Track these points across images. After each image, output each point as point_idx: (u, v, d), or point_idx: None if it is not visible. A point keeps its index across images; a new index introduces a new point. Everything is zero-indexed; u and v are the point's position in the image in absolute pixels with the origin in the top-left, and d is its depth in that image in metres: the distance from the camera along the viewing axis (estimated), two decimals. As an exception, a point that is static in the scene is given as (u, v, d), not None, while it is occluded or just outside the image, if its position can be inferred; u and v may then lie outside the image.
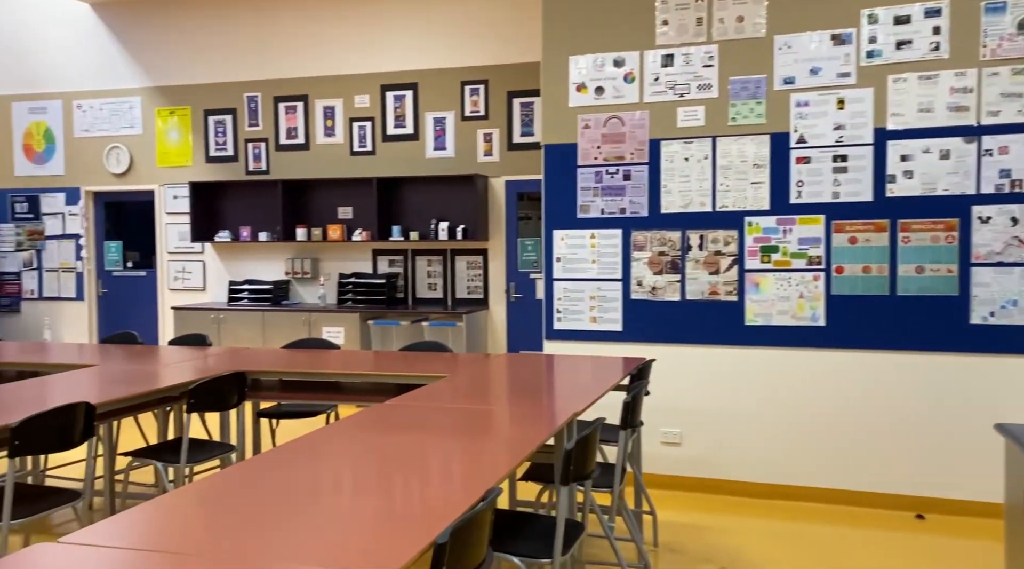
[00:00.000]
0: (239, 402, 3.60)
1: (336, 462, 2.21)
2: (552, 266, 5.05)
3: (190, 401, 3.30)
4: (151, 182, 7.99)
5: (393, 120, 7.45)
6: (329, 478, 2.05)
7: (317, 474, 2.08)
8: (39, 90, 8.20)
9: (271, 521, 1.72)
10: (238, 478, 2.04)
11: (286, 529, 1.67)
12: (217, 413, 3.61)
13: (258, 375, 3.85)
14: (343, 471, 2.12)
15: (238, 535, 1.64)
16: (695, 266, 4.80)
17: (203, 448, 3.62)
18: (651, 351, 4.87)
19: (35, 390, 3.25)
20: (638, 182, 4.88)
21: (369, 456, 2.27)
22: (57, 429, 2.72)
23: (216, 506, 1.82)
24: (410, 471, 2.12)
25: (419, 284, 7.48)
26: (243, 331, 7.23)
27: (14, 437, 2.55)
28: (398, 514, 1.77)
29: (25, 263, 8.26)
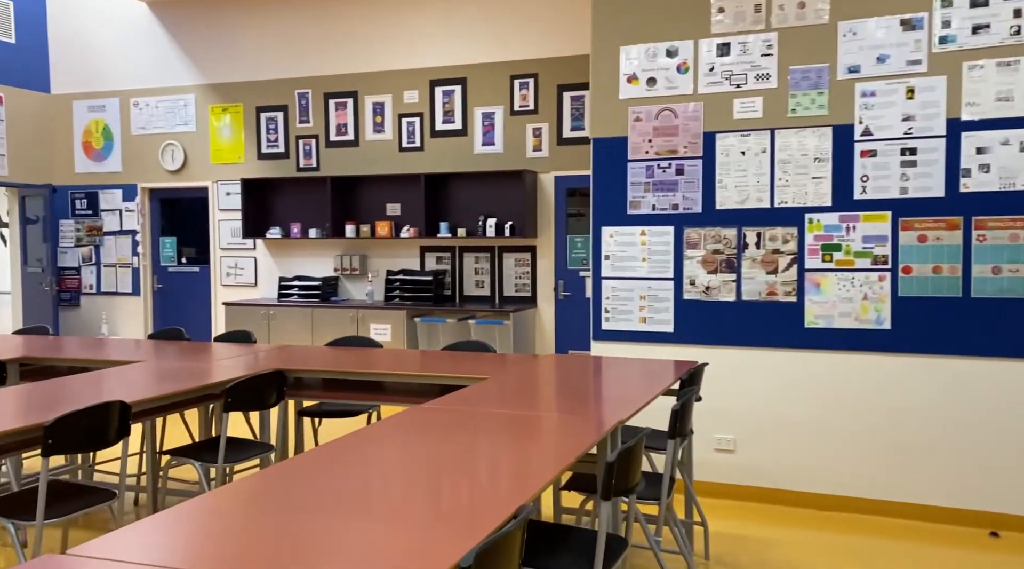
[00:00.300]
0: (278, 401, 3.54)
1: (365, 470, 2.10)
2: (600, 264, 4.89)
3: (227, 400, 3.25)
4: (204, 179, 8.07)
5: (441, 115, 7.37)
6: (355, 488, 1.95)
7: (343, 483, 1.98)
8: (98, 88, 8.36)
9: (287, 528, 1.62)
10: (270, 480, 1.95)
11: (297, 539, 1.57)
12: (258, 412, 3.56)
13: (299, 374, 3.79)
14: (371, 480, 2.01)
15: (253, 543, 1.54)
16: (751, 265, 4.58)
17: (242, 447, 3.57)
18: (704, 354, 4.67)
19: (74, 387, 3.24)
20: (691, 177, 4.68)
21: (399, 465, 2.16)
22: (91, 428, 2.68)
23: (242, 511, 1.73)
24: (440, 482, 2.00)
25: (466, 281, 7.39)
26: (292, 327, 7.24)
27: (47, 436, 2.52)
28: (422, 531, 1.65)
29: (84, 258, 8.44)
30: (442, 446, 2.35)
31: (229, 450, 3.47)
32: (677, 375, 3.64)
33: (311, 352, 4.25)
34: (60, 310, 8.52)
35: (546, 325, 7.12)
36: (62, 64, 8.45)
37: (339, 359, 4.01)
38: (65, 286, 8.51)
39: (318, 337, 7.16)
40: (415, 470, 2.10)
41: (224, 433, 3.27)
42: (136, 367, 3.76)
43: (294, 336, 7.23)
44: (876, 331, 4.35)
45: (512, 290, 7.25)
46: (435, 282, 7.16)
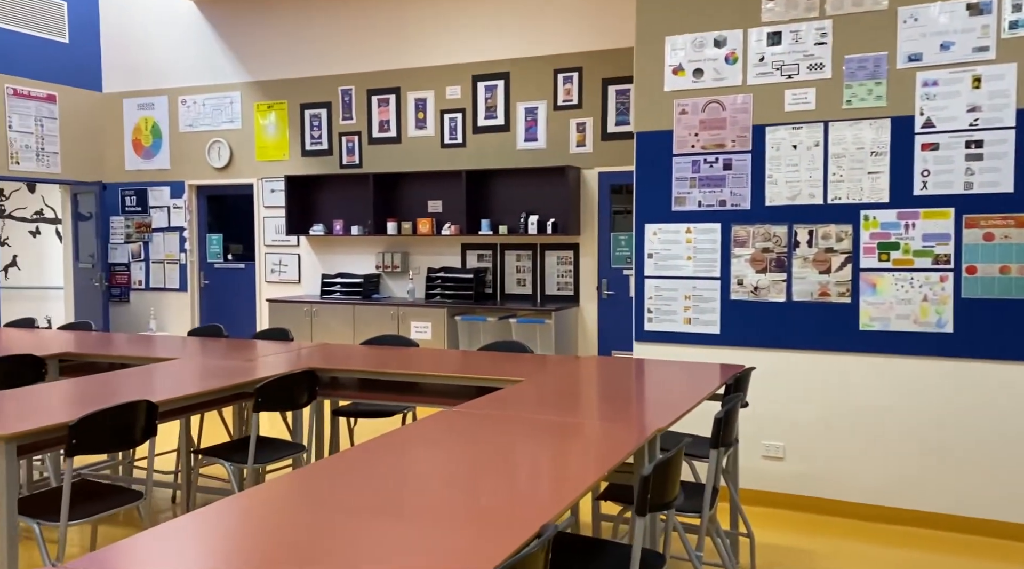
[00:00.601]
0: (309, 401, 3.48)
1: (389, 476, 2.00)
2: (643, 263, 4.73)
3: (257, 400, 3.19)
4: (250, 176, 8.12)
5: (484, 111, 7.26)
6: (378, 494, 1.85)
7: (369, 487, 1.88)
8: (147, 86, 8.47)
9: (312, 530, 1.53)
10: (299, 482, 1.87)
11: (319, 542, 1.47)
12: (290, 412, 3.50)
13: (332, 373, 3.72)
14: (397, 486, 1.91)
15: (274, 548, 1.45)
16: (803, 264, 4.38)
17: (274, 447, 3.52)
18: (752, 357, 4.48)
19: (105, 385, 3.22)
20: (740, 172, 4.49)
21: (426, 471, 2.05)
22: (117, 427, 2.64)
23: (268, 514, 1.65)
24: (464, 493, 1.89)
25: (508, 279, 7.28)
26: (334, 324, 7.22)
27: (71, 435, 2.49)
28: (447, 540, 1.54)
29: (133, 255, 8.57)
30: (470, 453, 2.23)
31: (261, 450, 3.42)
32: (723, 380, 3.47)
33: (345, 351, 4.19)
34: (110, 306, 8.67)
35: (589, 325, 6.98)
36: (113, 63, 8.59)
37: (373, 359, 3.93)
38: (115, 282, 8.65)
39: (359, 335, 7.13)
40: (442, 477, 1.99)
41: (254, 433, 3.22)
42: (171, 364, 3.73)
43: (335, 333, 7.22)
44: (937, 334, 4.11)
45: (554, 289, 7.11)
46: (476, 280, 7.07)
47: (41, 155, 7.92)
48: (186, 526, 1.65)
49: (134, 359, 3.99)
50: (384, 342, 4.52)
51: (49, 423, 2.49)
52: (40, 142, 7.91)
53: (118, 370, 3.65)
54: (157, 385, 3.18)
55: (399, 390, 3.74)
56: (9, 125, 7.64)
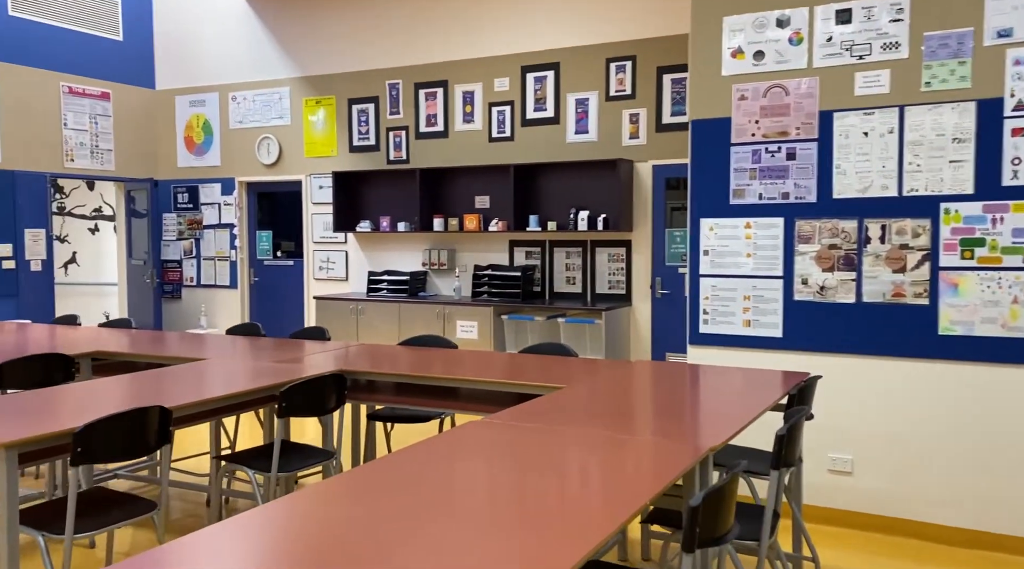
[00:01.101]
0: (337, 406, 3.29)
1: (387, 501, 1.78)
2: (699, 260, 4.42)
3: (281, 405, 3.02)
4: (298, 172, 8.04)
5: (533, 103, 7.02)
6: (409, 507, 1.62)
7: (381, 504, 1.66)
8: (199, 83, 8.47)
9: (336, 544, 1.32)
10: (321, 493, 1.66)
11: (340, 558, 1.26)
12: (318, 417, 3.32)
13: (365, 376, 3.53)
14: (408, 509, 1.68)
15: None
16: (875, 262, 4.01)
17: (302, 454, 3.34)
18: (817, 362, 4.13)
19: (125, 387, 3.08)
20: (805, 162, 4.14)
21: (439, 497, 1.82)
22: (128, 434, 2.49)
23: (292, 526, 1.45)
24: (483, 522, 1.65)
25: (556, 278, 7.02)
26: (379, 323, 7.08)
27: (76, 443, 2.34)
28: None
29: (185, 251, 8.59)
30: (497, 472, 2.00)
31: (287, 457, 3.25)
32: (785, 389, 3.16)
33: (381, 352, 4.00)
34: (163, 302, 8.71)
35: (642, 325, 6.67)
36: (166, 60, 8.62)
37: (409, 361, 3.73)
38: (167, 278, 8.69)
39: (404, 333, 6.96)
40: (460, 500, 1.76)
41: (278, 440, 3.04)
42: (200, 365, 3.60)
43: (380, 332, 7.07)
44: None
45: (605, 287, 6.83)
46: (524, 278, 6.83)
47: (95, 152, 7.99)
48: (209, 537, 1.49)
49: (166, 359, 3.87)
50: (423, 343, 4.32)
51: (53, 430, 2.35)
52: (94, 139, 7.98)
53: (146, 370, 3.53)
54: (180, 388, 3.03)
55: (436, 395, 3.53)
56: (64, 123, 7.72)
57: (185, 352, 3.97)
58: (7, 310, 7.17)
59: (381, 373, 3.47)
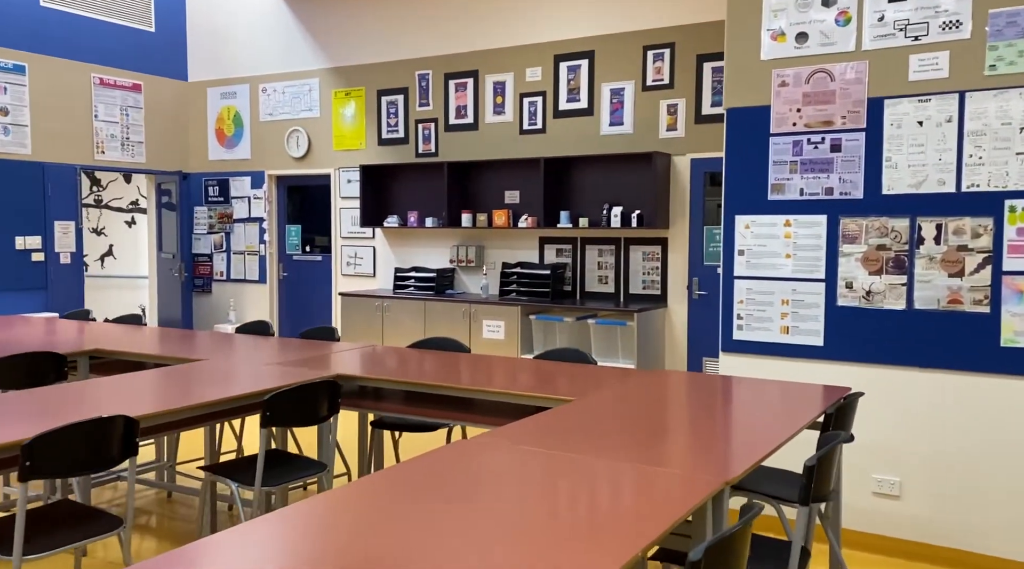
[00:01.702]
0: (329, 415, 3.06)
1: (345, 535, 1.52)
2: (733, 260, 4.08)
3: (265, 414, 2.79)
4: (328, 166, 7.88)
5: (566, 93, 6.71)
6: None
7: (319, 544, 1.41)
8: (230, 75, 8.37)
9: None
10: (300, 515, 1.43)
11: None
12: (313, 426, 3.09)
13: (363, 382, 3.29)
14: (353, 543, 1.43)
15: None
16: (929, 265, 3.63)
17: (292, 466, 3.12)
18: (862, 375, 3.77)
19: (104, 390, 2.89)
20: (851, 154, 3.77)
21: (404, 540, 1.56)
22: (87, 445, 2.29)
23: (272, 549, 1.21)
24: (444, 558, 1.39)
25: (588, 277, 6.71)
26: (405, 320, 6.87)
27: (25, 456, 2.14)
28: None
29: (215, 245, 8.50)
30: (473, 501, 1.73)
31: (277, 469, 3.03)
32: (824, 406, 2.82)
33: (385, 357, 3.76)
34: (193, 296, 8.65)
35: (677, 328, 6.32)
36: (198, 51, 8.54)
37: (411, 367, 3.48)
38: (198, 272, 8.62)
39: (430, 332, 6.74)
40: (420, 542, 1.50)
41: (261, 451, 2.82)
42: (194, 367, 3.41)
43: (406, 330, 6.86)
44: (1104, 356, 3.29)
45: (639, 287, 6.49)
46: (553, 277, 6.54)
47: (126, 145, 7.94)
48: (181, 558, 1.24)
49: (163, 358, 3.70)
50: (435, 346, 4.07)
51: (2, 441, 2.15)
52: (125, 131, 7.93)
53: (138, 371, 3.36)
54: (163, 393, 2.83)
55: (438, 403, 3.28)
56: (95, 114, 7.68)
57: (185, 352, 3.79)
58: (36, 303, 7.15)
59: (380, 379, 3.23)
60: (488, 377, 3.23)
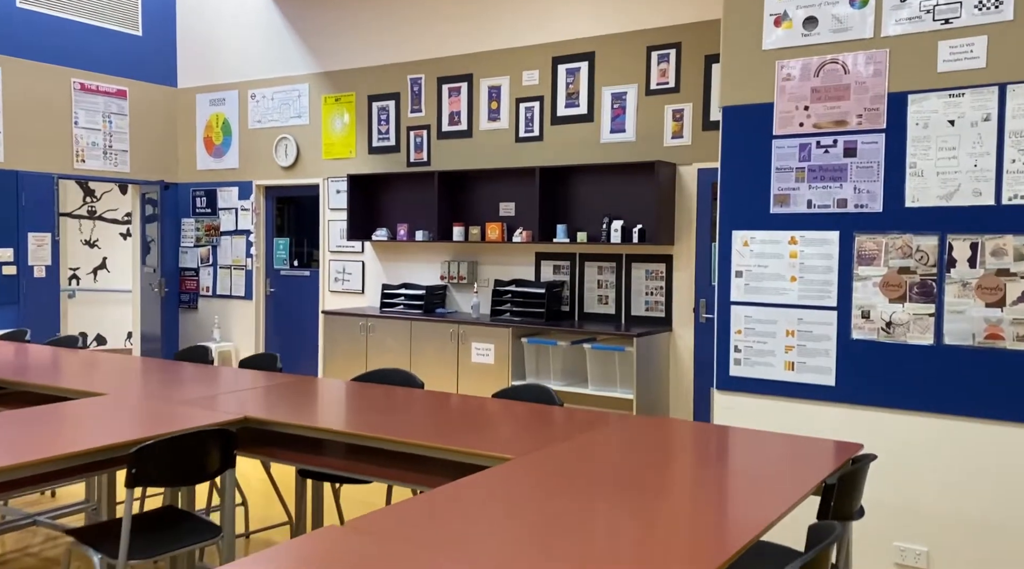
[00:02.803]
0: (223, 469, 2.54)
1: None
2: (729, 283, 3.50)
3: (130, 471, 2.29)
4: (316, 175, 7.43)
5: (564, 98, 6.19)
6: None
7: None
8: (219, 80, 7.99)
9: None
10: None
11: None
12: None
13: (275, 427, 2.78)
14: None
15: None
16: (961, 292, 3.02)
17: (179, 529, 2.61)
18: (881, 422, 3.16)
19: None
20: (869, 159, 3.19)
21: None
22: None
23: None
24: None
25: (587, 296, 6.15)
26: (390, 342, 6.36)
27: None
28: None
29: (202, 259, 8.10)
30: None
31: (160, 533, 2.52)
32: (837, 464, 2.25)
33: (311, 394, 3.25)
34: (180, 313, 8.25)
35: (683, 354, 5.73)
36: (188, 56, 8.17)
37: (336, 409, 2.96)
38: (184, 287, 8.23)
39: (416, 354, 6.23)
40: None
41: (127, 516, 2.31)
42: (83, 404, 2.92)
43: (392, 352, 6.35)
44: None
45: (641, 309, 5.92)
46: (549, 296, 5.99)
47: (109, 153, 7.58)
48: None
49: (62, 391, 3.22)
50: (382, 379, 3.54)
51: None
52: (108, 139, 7.57)
53: (45, 403, 2.89)
54: (21, 441, 2.35)
55: (361, 455, 2.76)
56: (75, 121, 7.33)
57: (83, 382, 3.32)
58: (7, 319, 6.79)
59: (292, 424, 2.72)
60: (417, 424, 2.70)
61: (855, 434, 3.20)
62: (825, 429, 3.26)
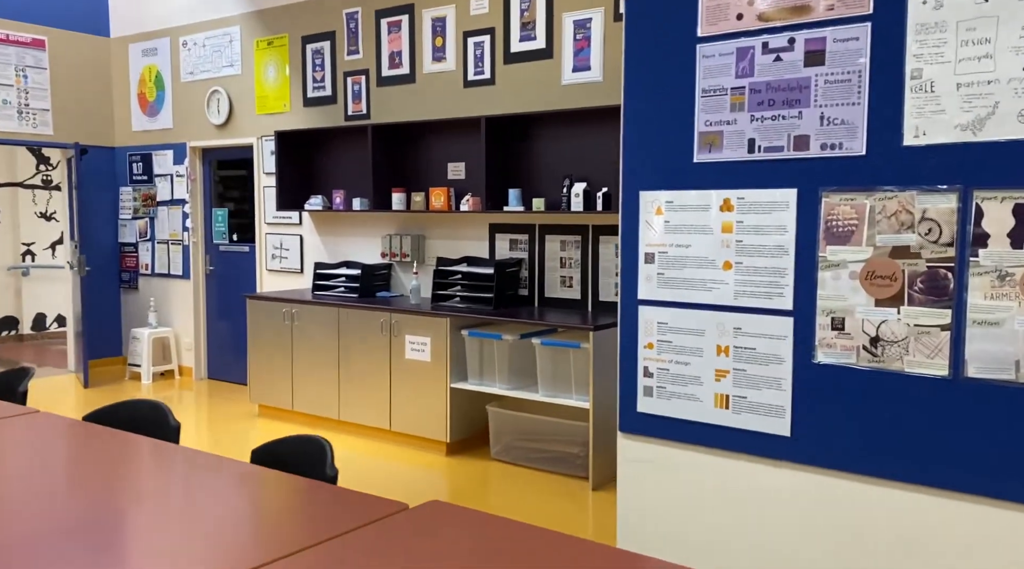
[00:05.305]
0: None
1: None
2: (635, 272, 2.29)
3: None
4: (250, 134, 6.39)
5: (519, 30, 4.95)
6: None
7: None
8: (149, 28, 6.99)
9: None
10: None
11: None
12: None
13: None
14: None
15: None
16: (997, 288, 1.76)
17: None
18: (866, 499, 1.93)
19: None
20: (844, 67, 1.92)
21: None
22: None
23: None
24: None
25: (548, 277, 4.96)
26: (317, 333, 5.31)
27: None
28: None
29: (140, 233, 7.19)
30: None
31: None
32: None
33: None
34: (122, 293, 7.38)
35: (655, 352, 4.48)
36: (121, 2, 7.18)
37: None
38: (125, 265, 7.34)
39: (344, 351, 5.16)
40: None
41: None
42: None
43: (317, 347, 5.30)
44: None
45: (611, 294, 4.71)
46: (500, 277, 4.82)
47: (25, 112, 6.68)
48: None
49: None
50: (120, 419, 2.45)
51: None
52: (23, 96, 6.67)
53: None
54: None
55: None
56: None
57: None
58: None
59: None
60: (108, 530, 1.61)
61: (824, 514, 1.98)
62: (777, 504, 2.05)
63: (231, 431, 5.31)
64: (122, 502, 1.72)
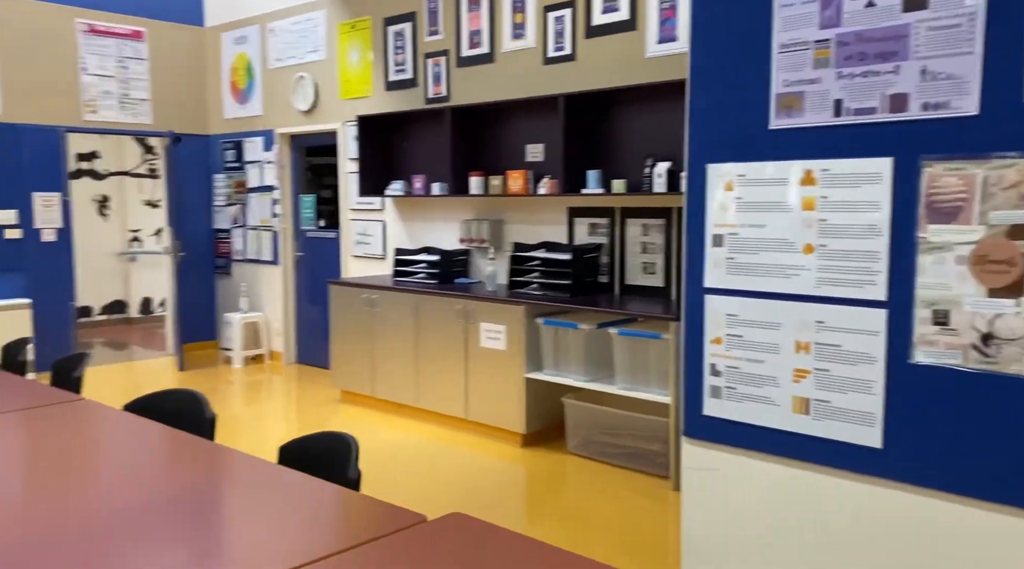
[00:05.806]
0: None
1: None
2: (702, 257, 2.03)
3: None
4: (334, 120, 6.38)
5: (601, 1, 4.68)
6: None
7: None
8: (240, 16, 7.09)
9: None
10: None
11: None
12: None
13: None
14: None
15: None
16: None
17: None
18: (975, 525, 1.62)
19: None
20: (951, 12, 1.60)
21: None
22: None
23: None
24: None
25: (630, 263, 4.69)
26: (396, 320, 5.23)
27: None
28: None
29: (233, 219, 7.34)
30: None
31: None
32: None
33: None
34: (217, 279, 7.57)
35: (744, 344, 4.15)
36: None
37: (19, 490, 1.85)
38: (219, 251, 7.52)
39: (423, 335, 5.07)
40: None
41: None
42: None
43: (397, 334, 5.23)
44: None
45: (689, 282, 4.39)
46: (577, 264, 4.59)
47: (125, 102, 6.91)
48: None
49: None
50: (156, 408, 2.38)
51: None
52: (124, 87, 6.90)
53: None
54: None
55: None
56: (83, 67, 6.69)
57: None
58: (11, 287, 6.32)
59: None
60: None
61: (920, 540, 1.68)
62: (864, 526, 1.76)
63: (313, 417, 5.32)
64: (123, 502, 1.62)
